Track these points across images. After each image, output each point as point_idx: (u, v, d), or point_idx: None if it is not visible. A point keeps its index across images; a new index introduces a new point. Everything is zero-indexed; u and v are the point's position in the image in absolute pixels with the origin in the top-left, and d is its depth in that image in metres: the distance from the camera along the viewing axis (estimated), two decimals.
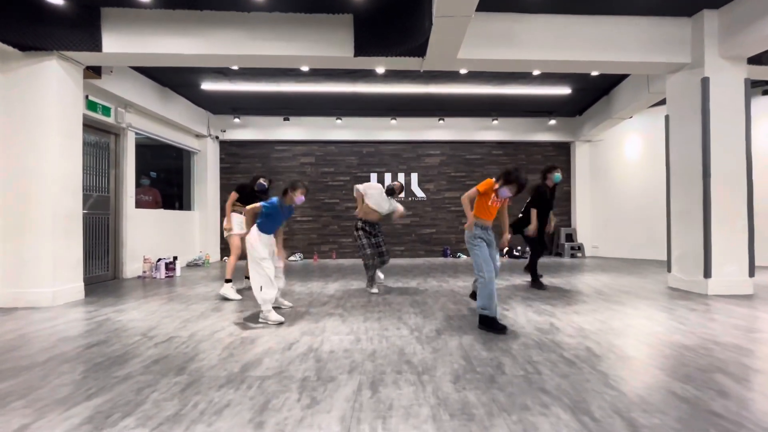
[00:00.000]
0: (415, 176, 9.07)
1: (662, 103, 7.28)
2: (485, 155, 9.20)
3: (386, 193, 4.71)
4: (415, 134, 8.86)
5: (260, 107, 8.07)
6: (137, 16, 4.21)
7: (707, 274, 4.37)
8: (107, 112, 5.63)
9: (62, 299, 4.16)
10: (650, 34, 4.58)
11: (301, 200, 3.45)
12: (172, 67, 5.81)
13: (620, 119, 7.50)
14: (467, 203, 3.11)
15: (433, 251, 9.04)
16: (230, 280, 4.44)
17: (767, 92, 6.83)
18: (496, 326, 3.04)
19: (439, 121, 8.70)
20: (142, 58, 4.39)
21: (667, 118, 4.95)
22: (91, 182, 5.49)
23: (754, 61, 4.63)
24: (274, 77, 6.44)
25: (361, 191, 4.66)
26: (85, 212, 5.40)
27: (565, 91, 7.06)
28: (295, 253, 8.67)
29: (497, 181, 3.10)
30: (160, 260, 6.17)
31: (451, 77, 6.46)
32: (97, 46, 4.15)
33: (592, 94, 7.46)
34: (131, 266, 6.09)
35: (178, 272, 6.30)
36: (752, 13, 4.04)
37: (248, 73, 6.23)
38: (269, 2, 4.17)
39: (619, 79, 6.74)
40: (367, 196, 4.64)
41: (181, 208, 8.31)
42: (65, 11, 4.01)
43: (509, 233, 3.49)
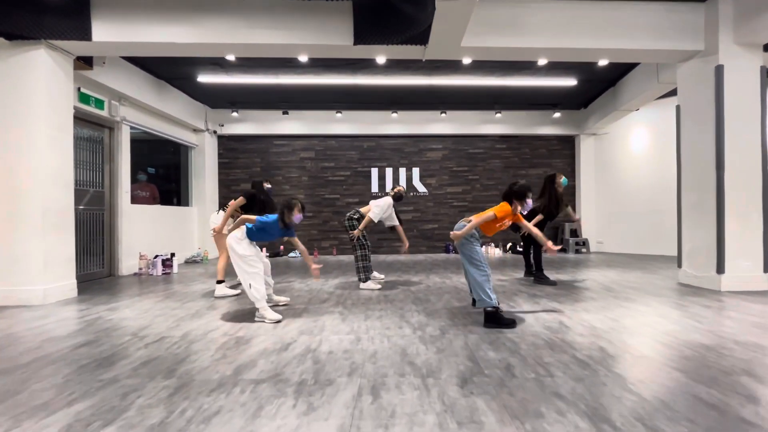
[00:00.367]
0: (416, 171, 8.91)
1: (670, 94, 7.13)
2: (488, 149, 9.03)
3: (395, 198, 4.70)
4: (416, 128, 8.69)
5: (259, 101, 7.91)
6: (128, 3, 4.05)
7: (720, 269, 4.22)
8: (100, 105, 5.48)
9: (54, 297, 4.03)
10: (661, 20, 4.40)
11: (299, 219, 3.29)
12: (166, 58, 5.70)
13: (627, 111, 7.31)
14: (476, 225, 3.02)
15: (435, 247, 8.90)
16: (222, 281, 4.32)
17: None
18: (503, 321, 2.92)
19: (441, 114, 8.53)
20: (133, 47, 4.23)
21: (678, 108, 4.78)
22: (85, 177, 5.35)
23: None
24: (272, 69, 6.27)
25: (380, 216, 4.56)
26: (81, 208, 5.29)
27: (570, 82, 6.88)
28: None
29: (514, 203, 3.09)
30: (157, 257, 6.05)
31: (453, 68, 6.29)
32: (86, 34, 3.99)
33: (598, 85, 7.28)
34: (127, 263, 5.96)
35: (175, 269, 6.17)
36: None
37: (245, 64, 6.06)
38: None
39: (626, 69, 6.55)
40: (385, 217, 4.59)
41: (179, 204, 8.18)
42: None
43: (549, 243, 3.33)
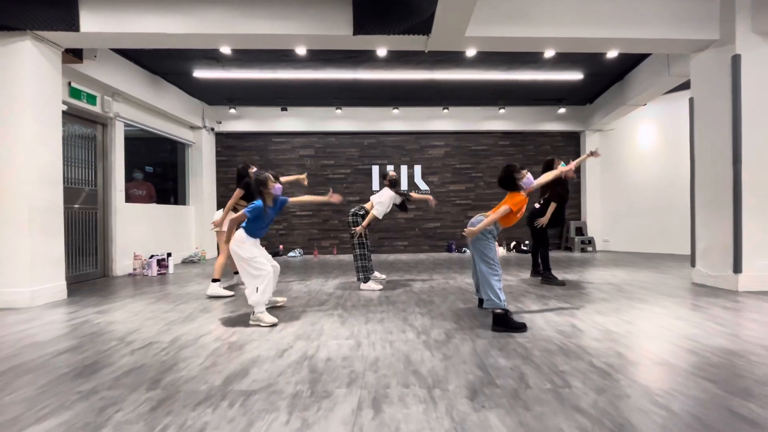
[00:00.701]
0: (418, 168, 8.73)
1: (678, 89, 6.92)
2: (492, 146, 8.84)
3: (391, 186, 4.46)
4: (418, 124, 8.51)
5: (257, 97, 7.73)
6: None
7: (737, 268, 4.03)
8: (92, 100, 5.31)
9: (42, 300, 3.87)
10: (674, 8, 4.21)
11: (279, 189, 3.12)
12: (161, 52, 5.54)
13: (635, 106, 7.12)
14: (492, 221, 2.91)
15: (437, 246, 8.72)
16: (218, 279, 4.21)
17: None
18: (513, 324, 2.75)
19: (443, 110, 8.34)
20: (123, 38, 4.06)
21: (691, 100, 4.59)
22: (78, 175, 5.19)
23: None
24: (269, 63, 6.10)
25: (383, 213, 4.36)
26: (76, 207, 5.14)
27: (577, 76, 6.68)
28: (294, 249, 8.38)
29: (512, 190, 2.98)
30: (152, 257, 5.89)
31: (456, 62, 6.11)
32: (74, 25, 3.82)
33: (605, 79, 7.08)
34: (121, 263, 5.80)
35: (171, 269, 6.01)
36: None
37: (242, 58, 5.89)
38: None
39: (635, 62, 6.36)
40: (382, 207, 4.35)
41: (176, 202, 8.02)
42: None
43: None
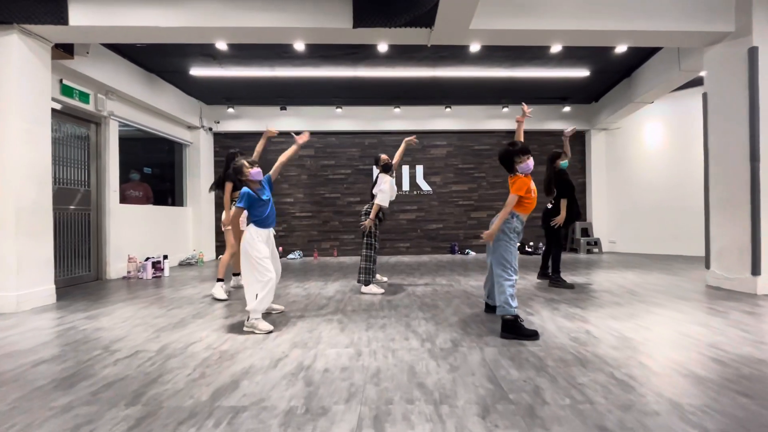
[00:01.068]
0: (420, 168, 8.57)
1: (686, 86, 6.76)
2: (495, 146, 8.66)
3: (384, 170, 4.37)
4: (420, 124, 8.34)
5: (255, 96, 7.58)
6: None
7: (756, 270, 3.85)
8: (85, 98, 5.16)
9: (29, 304, 3.71)
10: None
11: (256, 173, 2.90)
12: (156, 49, 5.40)
13: (642, 104, 6.94)
14: (504, 216, 2.66)
15: (439, 248, 8.54)
16: (222, 279, 4.11)
17: None
18: (524, 331, 2.58)
19: (445, 109, 8.18)
20: (115, 32, 3.91)
21: (704, 96, 4.42)
22: (71, 175, 5.04)
23: None
24: (268, 60, 5.95)
25: (387, 200, 4.23)
26: (69, 208, 4.99)
27: (583, 73, 6.52)
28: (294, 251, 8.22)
29: (510, 172, 2.71)
30: (147, 259, 5.73)
31: (459, 59, 5.95)
32: (62, 18, 3.67)
33: (611, 76, 6.91)
34: (116, 266, 5.64)
35: (166, 272, 5.85)
36: None
37: (239, 55, 5.74)
38: None
39: (643, 58, 6.18)
40: (384, 195, 4.22)
41: (173, 203, 7.87)
42: None
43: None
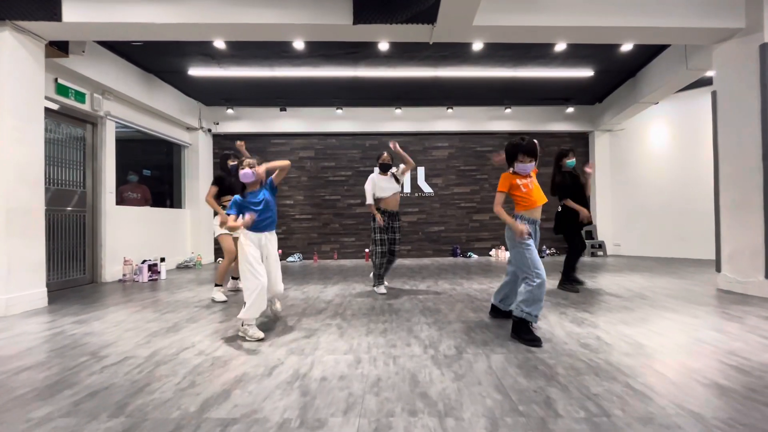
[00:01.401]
0: (421, 170, 8.46)
1: (691, 87, 6.66)
2: (497, 147, 8.55)
3: (381, 169, 4.24)
4: (421, 125, 8.25)
5: (255, 97, 7.50)
6: None
7: None
8: (81, 98, 5.08)
9: (18, 308, 3.60)
10: None
11: (247, 173, 2.82)
12: (153, 49, 5.32)
13: (647, 104, 6.83)
14: (502, 212, 2.60)
15: (441, 251, 8.42)
16: (220, 284, 4.06)
17: None
18: (525, 336, 2.48)
19: (447, 110, 8.08)
20: (110, 29, 3.82)
21: (713, 94, 4.31)
22: (66, 176, 4.94)
23: None
24: (267, 60, 5.86)
25: (369, 192, 4.22)
26: (63, 209, 4.90)
27: (587, 73, 6.42)
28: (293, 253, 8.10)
29: (509, 166, 2.66)
30: (144, 262, 5.62)
31: (461, 58, 5.86)
32: (55, 14, 3.58)
33: (616, 77, 6.81)
34: (111, 269, 5.53)
35: (163, 275, 5.73)
36: None
37: (238, 55, 5.65)
38: None
39: (649, 57, 6.07)
40: (377, 190, 4.23)
41: (172, 205, 7.77)
42: None
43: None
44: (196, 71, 6.11)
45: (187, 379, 2.03)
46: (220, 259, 7.86)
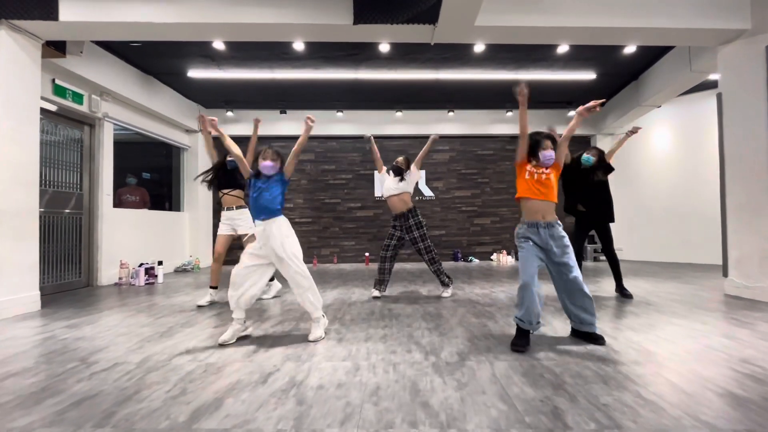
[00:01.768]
0: (422, 174, 8.39)
1: (694, 90, 6.61)
2: (498, 150, 8.51)
3: (394, 172, 4.16)
4: (422, 128, 8.19)
5: (255, 100, 7.46)
6: None
7: None
8: (79, 99, 5.03)
9: (10, 311, 3.52)
10: None
11: (267, 165, 2.64)
12: (152, 50, 5.28)
13: (650, 107, 6.77)
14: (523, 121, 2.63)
15: (442, 255, 8.33)
16: (215, 287, 3.96)
17: None
18: (514, 339, 2.47)
19: (448, 113, 8.03)
20: (107, 29, 3.77)
21: (719, 96, 4.25)
22: (62, 178, 4.88)
23: None
24: (267, 62, 5.82)
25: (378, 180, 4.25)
26: (59, 212, 4.83)
27: (589, 76, 6.37)
28: None
29: (537, 152, 2.55)
30: (141, 265, 5.54)
31: (463, 60, 5.82)
32: (52, 13, 3.54)
33: (618, 79, 6.76)
34: (108, 272, 5.45)
35: (160, 278, 5.66)
36: None
37: (238, 56, 5.61)
38: None
39: (652, 60, 6.02)
40: (384, 189, 4.24)
41: (171, 208, 7.70)
42: None
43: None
44: (195, 73, 6.07)
45: (178, 386, 1.94)
46: None
